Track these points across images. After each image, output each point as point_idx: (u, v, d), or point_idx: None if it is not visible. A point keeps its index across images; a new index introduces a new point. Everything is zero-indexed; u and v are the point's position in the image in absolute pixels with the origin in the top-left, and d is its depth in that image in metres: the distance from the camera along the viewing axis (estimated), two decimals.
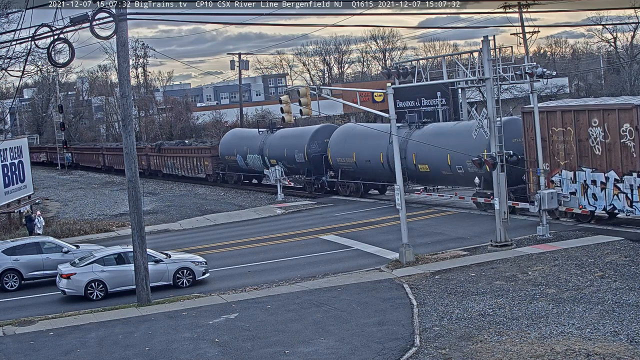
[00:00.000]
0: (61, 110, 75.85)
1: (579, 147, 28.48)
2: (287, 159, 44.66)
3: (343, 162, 41.15)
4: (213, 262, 27.32)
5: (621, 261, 22.59)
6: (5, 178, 38.88)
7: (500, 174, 26.31)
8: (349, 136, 40.91)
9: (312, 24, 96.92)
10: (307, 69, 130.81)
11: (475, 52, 27.79)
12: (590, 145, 28.08)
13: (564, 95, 72.21)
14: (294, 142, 44.48)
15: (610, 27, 76.52)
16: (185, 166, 56.10)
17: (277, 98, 57.87)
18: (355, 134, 40.42)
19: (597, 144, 27.86)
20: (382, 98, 56.30)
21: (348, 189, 42.20)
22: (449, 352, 16.13)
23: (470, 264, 24.20)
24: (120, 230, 37.40)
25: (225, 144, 52.10)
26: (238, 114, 78.42)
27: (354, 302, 20.68)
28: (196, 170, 54.95)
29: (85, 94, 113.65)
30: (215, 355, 17.28)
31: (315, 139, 43.23)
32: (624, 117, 26.57)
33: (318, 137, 43.22)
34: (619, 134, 26.72)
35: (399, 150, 28.04)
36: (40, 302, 24.58)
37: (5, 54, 34.21)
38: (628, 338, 15.97)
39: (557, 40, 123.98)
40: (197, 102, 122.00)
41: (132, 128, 23.11)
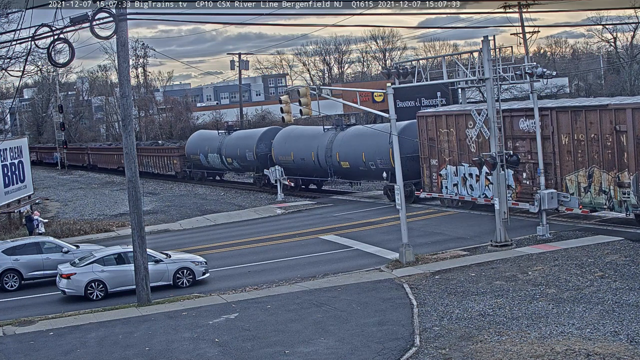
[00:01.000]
0: (61, 110, 75.88)
1: (459, 145, 33.48)
2: (240, 157, 49.92)
3: (284, 160, 45.46)
4: (213, 262, 27.33)
5: (621, 261, 22.59)
6: (5, 178, 38.89)
7: (500, 174, 26.31)
8: (289, 138, 45.70)
9: (312, 24, 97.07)
10: (307, 69, 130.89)
11: (475, 52, 27.79)
12: (467, 144, 32.99)
13: (564, 95, 72.19)
14: (245, 143, 49.55)
15: (610, 27, 76.52)
16: (157, 164, 61.18)
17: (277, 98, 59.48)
18: (293, 135, 45.41)
19: (472, 143, 32.86)
20: (382, 98, 56.30)
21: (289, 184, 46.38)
22: (449, 352, 16.13)
23: (470, 264, 24.20)
24: (120, 230, 37.40)
25: (190, 144, 56.80)
26: (238, 114, 78.45)
27: (354, 302, 20.68)
28: (167, 168, 59.76)
29: (85, 94, 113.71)
30: (215, 355, 17.28)
31: (263, 140, 48.12)
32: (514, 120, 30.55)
33: (265, 138, 48.16)
34: (485, 134, 28.97)
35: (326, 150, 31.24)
36: (40, 302, 24.58)
37: (5, 54, 34.21)
38: (628, 338, 15.98)
39: (557, 40, 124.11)
40: (197, 102, 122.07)
41: (132, 128, 23.12)
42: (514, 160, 26.57)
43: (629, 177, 26.68)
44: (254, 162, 48.68)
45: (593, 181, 28.24)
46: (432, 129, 35.14)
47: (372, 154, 38.07)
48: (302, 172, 45.48)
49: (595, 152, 28.01)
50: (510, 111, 30.97)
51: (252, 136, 49.72)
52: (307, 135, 44.22)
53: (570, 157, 29.07)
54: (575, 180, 28.98)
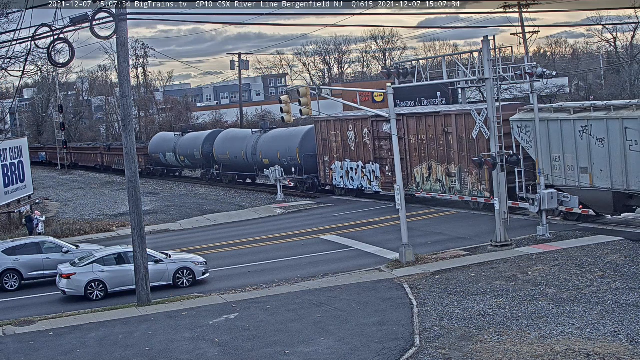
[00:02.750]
0: (61, 110, 75.96)
1: (343, 145, 40.94)
2: (190, 156, 57.03)
3: (223, 158, 52.75)
4: (213, 262, 27.32)
5: (621, 261, 22.59)
6: (5, 178, 38.89)
7: (500, 174, 26.31)
8: (226, 139, 52.70)
9: (311, 24, 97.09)
10: (307, 69, 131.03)
11: (475, 52, 27.79)
12: (348, 144, 40.60)
13: (564, 95, 72.19)
14: (194, 143, 56.19)
15: (610, 27, 76.53)
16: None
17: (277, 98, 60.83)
18: (229, 137, 52.72)
19: (352, 143, 40.40)
20: (382, 98, 56.41)
21: (227, 178, 53.92)
22: (449, 352, 16.13)
23: (470, 264, 24.20)
24: (120, 230, 37.40)
25: (152, 144, 64.02)
26: (238, 114, 78.50)
27: (354, 302, 20.68)
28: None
29: (85, 94, 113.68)
30: (215, 355, 17.28)
31: (208, 141, 54.48)
32: (364, 124, 38.96)
33: (209, 139, 54.48)
34: (362, 136, 39.36)
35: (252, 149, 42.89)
36: (40, 302, 24.58)
37: (5, 54, 34.21)
38: (628, 338, 15.98)
39: (557, 40, 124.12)
40: (197, 102, 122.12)
41: (132, 128, 23.12)
42: (514, 160, 26.58)
43: (455, 169, 33.88)
44: (201, 160, 55.57)
45: (432, 172, 35.40)
46: (325, 131, 42.14)
47: (284, 153, 44.95)
48: (236, 168, 52.22)
49: (432, 149, 35.08)
50: (375, 118, 37.76)
51: (199, 137, 56.36)
52: (240, 137, 51.29)
53: (417, 153, 36.17)
54: (420, 171, 36.17)
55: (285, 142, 45.28)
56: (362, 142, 39.06)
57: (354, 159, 40.02)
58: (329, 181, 42.49)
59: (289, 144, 44.85)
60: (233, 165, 52.29)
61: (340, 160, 41.05)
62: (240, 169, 51.93)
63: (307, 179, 44.14)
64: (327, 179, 42.61)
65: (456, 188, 33.81)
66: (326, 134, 42.00)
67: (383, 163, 37.99)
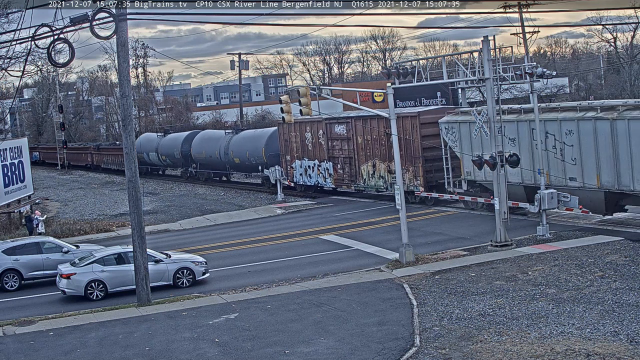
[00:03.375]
0: (61, 110, 75.96)
1: (302, 145, 43.98)
2: (170, 155, 60.74)
3: (199, 157, 56.22)
4: (213, 262, 27.32)
5: (621, 261, 22.59)
6: (5, 178, 38.88)
7: (500, 174, 26.31)
8: (202, 139, 56.16)
9: (311, 24, 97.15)
10: (307, 69, 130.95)
11: (475, 52, 27.77)
12: (306, 144, 43.60)
13: (564, 95, 72.20)
14: (174, 144, 59.73)
15: (610, 27, 76.44)
16: (115, 162, 70.09)
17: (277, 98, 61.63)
18: (205, 137, 56.19)
19: (309, 144, 43.40)
20: (382, 98, 56.38)
21: (203, 176, 57.73)
22: (449, 352, 16.13)
23: (470, 264, 24.20)
24: (120, 230, 37.40)
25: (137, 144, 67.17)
26: (238, 114, 78.48)
27: (354, 302, 20.68)
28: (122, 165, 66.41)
29: (85, 94, 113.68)
30: (215, 355, 17.28)
31: (186, 141, 57.87)
32: (319, 126, 42.27)
33: (188, 140, 57.85)
34: (317, 137, 42.63)
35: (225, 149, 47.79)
36: (40, 302, 24.58)
37: (5, 54, 34.20)
38: (628, 338, 15.98)
39: (557, 40, 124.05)
40: (197, 102, 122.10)
41: (132, 128, 23.12)
42: (514, 160, 26.57)
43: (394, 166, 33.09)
44: (180, 159, 59.15)
45: (376, 169, 38.53)
46: (286, 133, 45.15)
47: (252, 153, 48.49)
48: (211, 167, 55.64)
49: (376, 148, 38.29)
50: (329, 120, 41.47)
51: (179, 138, 59.73)
52: (215, 137, 54.76)
53: (363, 152, 39.28)
54: (366, 169, 39.22)
55: (253, 143, 48.74)
56: (318, 143, 42.55)
57: (311, 157, 43.43)
58: (290, 178, 45.41)
59: (256, 144, 48.23)
60: (208, 164, 55.56)
61: (300, 159, 44.29)
62: (215, 168, 55.29)
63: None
64: (289, 177, 45.50)
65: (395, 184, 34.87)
66: (287, 135, 45.10)
67: (335, 162, 41.59)
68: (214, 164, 54.52)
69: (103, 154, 73.53)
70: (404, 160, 34.73)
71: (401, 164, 33.60)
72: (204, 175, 57.85)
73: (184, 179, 60.26)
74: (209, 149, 54.53)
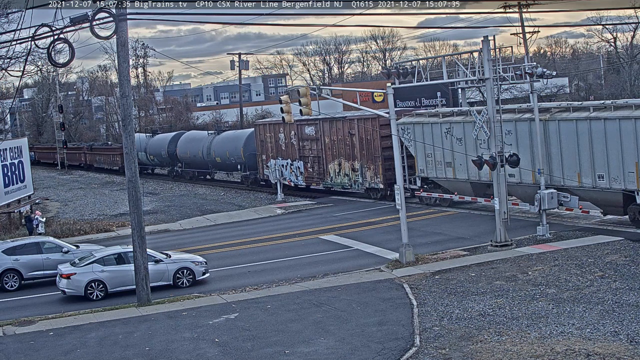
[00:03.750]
0: (61, 110, 75.88)
1: (276, 145, 46.59)
2: (158, 155, 63.05)
3: (184, 156, 58.70)
4: (213, 262, 27.32)
5: (621, 261, 22.59)
6: (5, 178, 38.87)
7: (500, 174, 26.31)
8: (187, 140, 58.56)
9: (311, 24, 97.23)
10: (307, 69, 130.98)
11: (475, 52, 27.75)
12: (280, 144, 46.16)
13: (564, 95, 72.17)
14: (161, 144, 61.84)
15: (610, 27, 76.38)
16: (106, 161, 73.16)
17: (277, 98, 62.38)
18: (190, 138, 58.67)
19: (282, 144, 45.93)
20: (382, 98, 56.42)
21: (188, 175, 59.93)
22: (449, 352, 16.13)
23: (470, 264, 24.20)
24: (120, 230, 37.40)
25: None
26: (238, 114, 78.48)
27: (354, 302, 20.68)
28: (113, 164, 71.39)
29: (85, 94, 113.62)
30: (215, 355, 17.28)
31: (173, 141, 60.15)
32: (291, 128, 44.34)
33: (174, 140, 60.08)
34: (290, 137, 45.11)
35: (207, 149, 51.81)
36: (40, 302, 24.57)
37: (5, 54, 34.19)
38: (628, 338, 15.98)
39: (557, 40, 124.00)
40: (197, 102, 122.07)
41: (132, 128, 23.12)
42: (514, 160, 26.57)
43: (358, 165, 39.71)
44: (167, 158, 61.55)
45: (341, 168, 41.04)
46: (262, 134, 47.83)
47: (232, 152, 51.28)
48: (196, 166, 58.05)
49: (342, 148, 40.81)
50: (299, 122, 43.00)
51: (165, 138, 61.80)
52: (198, 138, 57.32)
53: (330, 151, 41.77)
54: (333, 167, 41.72)
55: (233, 143, 51.47)
56: (290, 143, 45.20)
57: (284, 157, 45.92)
58: (266, 176, 47.93)
59: (235, 144, 50.99)
60: (193, 163, 58.15)
61: (274, 159, 46.68)
62: (198, 167, 57.90)
63: (250, 175, 50.47)
64: (265, 174, 48.03)
65: (359, 181, 39.97)
66: (263, 135, 47.77)
67: (306, 161, 44.06)
68: (198, 163, 56.85)
69: (95, 153, 76.29)
70: (366, 159, 39.04)
71: (364, 163, 39.35)
72: (188, 174, 59.93)
73: (171, 177, 62.31)
74: (192, 149, 56.86)
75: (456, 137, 32.74)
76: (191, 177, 59.83)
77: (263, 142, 47.73)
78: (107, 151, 73.74)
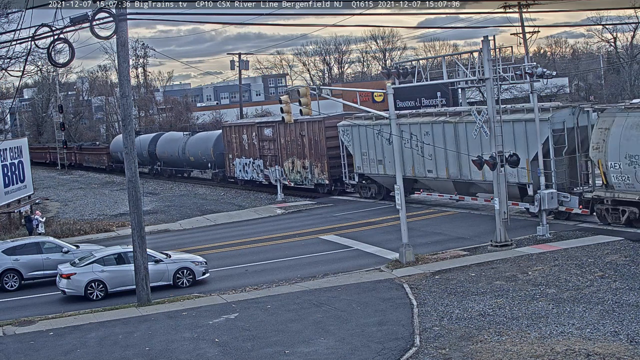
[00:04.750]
0: (61, 110, 75.89)
1: (240, 145, 50.62)
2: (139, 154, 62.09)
3: (163, 156, 62.57)
4: (213, 262, 27.32)
5: (621, 261, 22.59)
6: (5, 178, 38.86)
7: (500, 174, 26.31)
8: (165, 140, 62.67)
9: (311, 24, 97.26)
10: (307, 69, 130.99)
11: (475, 52, 27.75)
12: (243, 144, 50.27)
13: (564, 95, 72.18)
14: (143, 144, 64.22)
15: (610, 27, 76.39)
16: (94, 160, 77.83)
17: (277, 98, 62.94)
18: (168, 138, 62.68)
19: (246, 144, 50.06)
20: (382, 98, 56.44)
21: (166, 173, 63.59)
22: (449, 352, 16.13)
23: (470, 264, 24.20)
24: (120, 230, 37.40)
25: (112, 145, 73.71)
26: (238, 114, 78.47)
27: (354, 302, 20.68)
28: (100, 163, 76.38)
29: (85, 94, 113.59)
30: (215, 355, 17.28)
31: (153, 141, 64.00)
32: (253, 129, 48.81)
33: (154, 140, 64.01)
34: (252, 138, 49.04)
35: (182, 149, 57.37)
36: (40, 302, 24.57)
37: (5, 54, 34.19)
38: (628, 338, 15.98)
39: (557, 40, 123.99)
40: (197, 102, 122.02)
41: (132, 128, 23.13)
42: (514, 160, 26.58)
43: (307, 163, 43.87)
44: (147, 157, 64.66)
45: (295, 166, 44.90)
46: (229, 135, 51.92)
47: (203, 152, 55.69)
48: (173, 164, 61.69)
49: (294, 148, 44.85)
50: (259, 124, 48.62)
51: (146, 139, 65.07)
52: (175, 138, 61.42)
53: (285, 151, 45.79)
54: (288, 165, 45.52)
55: (204, 143, 55.79)
56: (252, 143, 49.26)
57: (247, 156, 50.10)
58: (232, 174, 52.24)
59: (206, 145, 55.31)
60: (170, 162, 62.08)
61: (239, 158, 51.09)
62: (175, 165, 61.96)
63: (218, 172, 54.74)
64: (231, 172, 52.29)
65: (309, 177, 44.08)
66: (230, 136, 51.90)
67: (265, 159, 48.13)
68: (175, 162, 60.93)
69: (84, 153, 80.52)
70: (314, 157, 43.40)
71: (312, 161, 43.49)
72: (167, 172, 63.61)
73: (151, 175, 66.13)
74: (170, 149, 60.82)
75: (385, 138, 36.98)
76: (169, 175, 63.32)
77: (229, 143, 51.93)
78: (94, 151, 78.25)
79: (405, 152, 35.26)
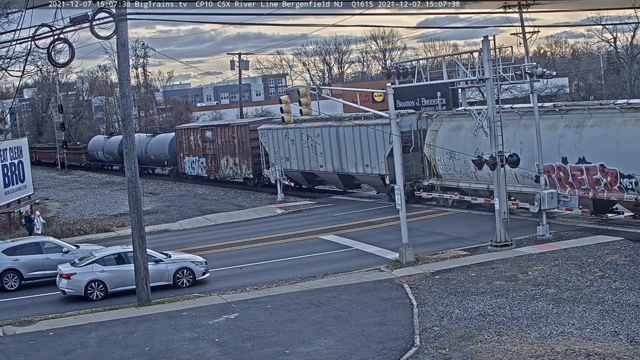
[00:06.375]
0: (61, 110, 75.95)
1: (189, 145, 57.28)
2: (112, 154, 72.43)
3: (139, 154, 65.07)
4: (213, 262, 27.32)
5: (621, 261, 22.59)
6: (5, 178, 38.85)
7: (500, 174, 26.31)
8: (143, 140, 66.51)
9: (311, 24, 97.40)
10: (307, 69, 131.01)
11: (475, 52, 27.74)
12: (191, 145, 56.70)
13: (564, 95, 72.16)
14: (114, 144, 70.60)
15: (610, 27, 76.37)
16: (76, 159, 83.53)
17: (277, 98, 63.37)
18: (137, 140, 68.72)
19: (193, 144, 56.50)
20: (382, 98, 56.46)
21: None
22: (449, 352, 16.13)
23: (470, 264, 24.20)
24: (120, 230, 37.39)
25: (90, 145, 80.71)
26: (238, 114, 78.49)
27: (354, 302, 20.68)
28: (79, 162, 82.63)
29: (85, 94, 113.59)
30: (215, 355, 17.28)
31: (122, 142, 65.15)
32: (197, 132, 55.88)
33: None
34: (197, 139, 55.83)
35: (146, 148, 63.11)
36: (40, 302, 24.58)
37: (5, 54, 34.19)
38: (628, 338, 15.98)
39: (557, 40, 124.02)
40: (197, 102, 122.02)
41: (132, 128, 23.15)
42: (514, 160, 26.58)
43: (238, 160, 50.44)
44: (118, 156, 68.58)
45: (228, 163, 51.74)
46: (180, 136, 59.00)
47: (161, 151, 62.61)
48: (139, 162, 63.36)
49: (228, 147, 51.53)
50: (203, 127, 56.28)
51: (117, 139, 68.85)
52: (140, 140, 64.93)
53: (221, 150, 52.49)
54: (224, 162, 52.08)
55: (162, 143, 62.62)
56: (197, 144, 55.90)
57: (194, 155, 56.68)
58: (183, 170, 58.96)
59: (163, 145, 62.28)
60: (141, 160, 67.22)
61: (188, 156, 57.81)
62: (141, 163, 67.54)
63: (173, 169, 61.05)
64: (183, 169, 59.04)
65: (239, 172, 50.92)
66: (181, 138, 58.75)
67: (207, 157, 54.81)
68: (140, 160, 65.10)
69: (70, 152, 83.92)
70: (241, 155, 50.12)
71: (240, 158, 50.22)
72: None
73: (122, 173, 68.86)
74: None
75: (290, 139, 44.78)
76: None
77: (181, 143, 58.84)
78: (76, 150, 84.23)
79: (304, 150, 43.68)
